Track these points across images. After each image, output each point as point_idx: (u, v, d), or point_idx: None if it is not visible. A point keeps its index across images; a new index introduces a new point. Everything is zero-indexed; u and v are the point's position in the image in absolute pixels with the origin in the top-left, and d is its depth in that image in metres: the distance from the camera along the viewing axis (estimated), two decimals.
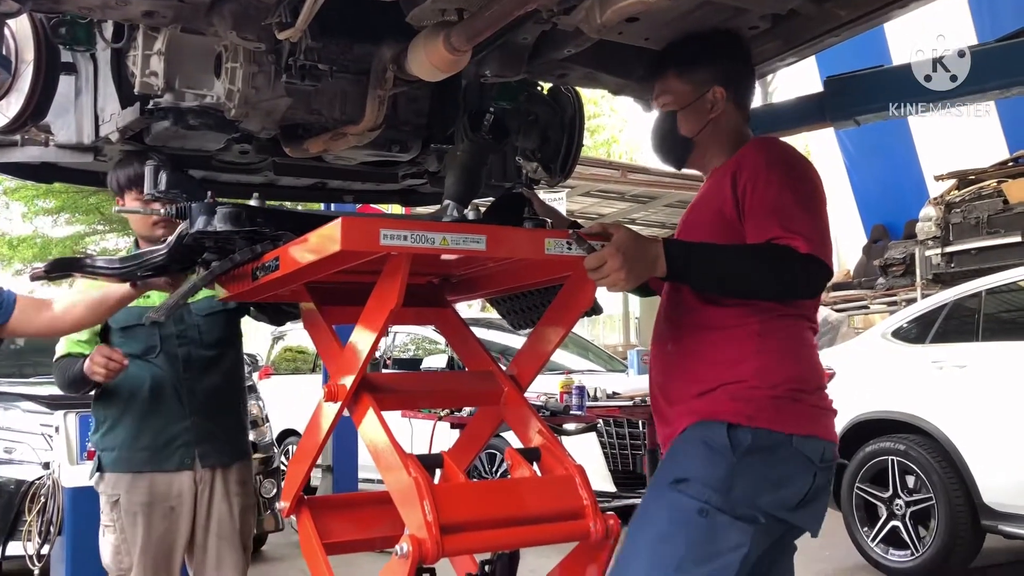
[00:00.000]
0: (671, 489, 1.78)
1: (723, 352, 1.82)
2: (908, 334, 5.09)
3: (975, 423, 4.50)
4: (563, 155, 2.71)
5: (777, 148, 1.87)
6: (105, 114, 2.28)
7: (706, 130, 1.92)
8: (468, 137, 2.15)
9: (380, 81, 2.14)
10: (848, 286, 10.02)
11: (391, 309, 1.69)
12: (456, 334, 2.21)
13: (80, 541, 3.18)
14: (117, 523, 2.48)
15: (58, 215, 13.85)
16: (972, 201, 8.17)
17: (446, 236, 1.64)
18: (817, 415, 1.84)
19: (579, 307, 1.96)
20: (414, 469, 1.65)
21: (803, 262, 1.71)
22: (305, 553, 1.99)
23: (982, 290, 4.87)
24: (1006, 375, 4.47)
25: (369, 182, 2.82)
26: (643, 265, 1.69)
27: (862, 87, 2.18)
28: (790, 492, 1.77)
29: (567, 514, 1.78)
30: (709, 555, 1.71)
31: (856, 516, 4.95)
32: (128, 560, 2.47)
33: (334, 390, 1.83)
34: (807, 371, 1.86)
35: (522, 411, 1.99)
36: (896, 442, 4.78)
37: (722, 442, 1.75)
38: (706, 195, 1.92)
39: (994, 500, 4.36)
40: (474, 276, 2.18)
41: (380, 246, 1.59)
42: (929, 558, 4.56)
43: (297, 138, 2.39)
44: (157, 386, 2.50)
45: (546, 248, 1.73)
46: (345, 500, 2.37)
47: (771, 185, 1.76)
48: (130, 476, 2.48)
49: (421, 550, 1.57)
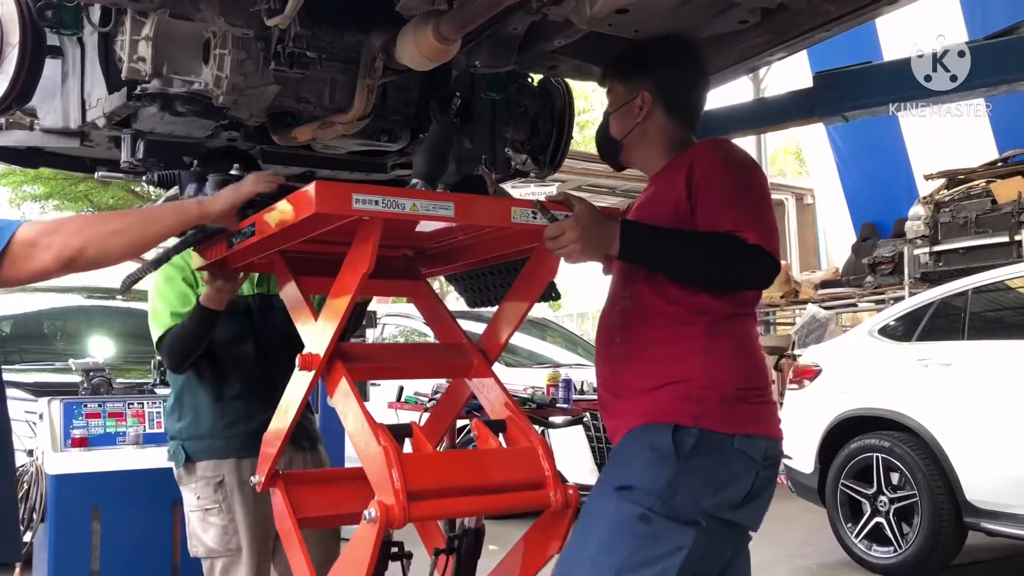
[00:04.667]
0: (615, 495, 1.80)
1: (671, 348, 1.84)
2: (895, 332, 5.12)
3: (959, 421, 4.53)
4: (552, 147, 2.70)
5: (730, 148, 1.94)
6: (92, 99, 2.26)
7: (633, 132, 1.99)
8: (436, 120, 2.20)
9: (369, 70, 2.14)
10: (837, 284, 10.04)
11: (363, 273, 1.74)
12: (429, 306, 2.26)
13: (63, 528, 3.17)
14: (223, 503, 2.45)
15: (46, 201, 13.79)
16: (961, 201, 8.20)
17: (416, 202, 1.71)
18: (761, 414, 1.86)
19: (542, 279, 2.03)
20: (384, 439, 1.69)
21: (753, 253, 1.76)
22: (279, 527, 2.03)
23: (968, 289, 4.89)
24: (990, 374, 4.50)
25: (358, 172, 2.82)
26: (600, 240, 1.76)
27: (851, 83, 2.19)
28: (733, 491, 1.79)
29: (529, 484, 1.84)
30: (650, 559, 1.73)
31: (840, 512, 4.98)
32: (236, 540, 2.44)
33: (308, 359, 1.86)
34: (753, 370, 1.88)
35: (490, 383, 2.05)
36: (881, 439, 4.81)
37: (667, 446, 1.76)
38: (658, 193, 1.95)
39: (977, 498, 4.39)
40: (447, 249, 2.23)
41: (352, 210, 1.65)
42: (912, 554, 4.59)
43: (285, 126, 2.38)
44: (244, 377, 2.51)
45: (512, 216, 1.81)
46: (319, 476, 2.39)
47: (724, 181, 1.82)
48: (231, 461, 2.46)
49: (389, 515, 1.63)
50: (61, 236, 1.69)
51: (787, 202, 13.49)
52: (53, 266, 1.68)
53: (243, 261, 2.16)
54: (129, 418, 3.35)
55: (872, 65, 2.20)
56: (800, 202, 13.60)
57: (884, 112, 2.24)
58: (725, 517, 1.79)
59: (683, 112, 1.99)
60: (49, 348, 5.27)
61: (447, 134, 2.22)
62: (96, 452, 3.22)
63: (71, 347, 5.10)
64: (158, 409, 3.41)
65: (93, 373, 3.49)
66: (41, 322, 5.71)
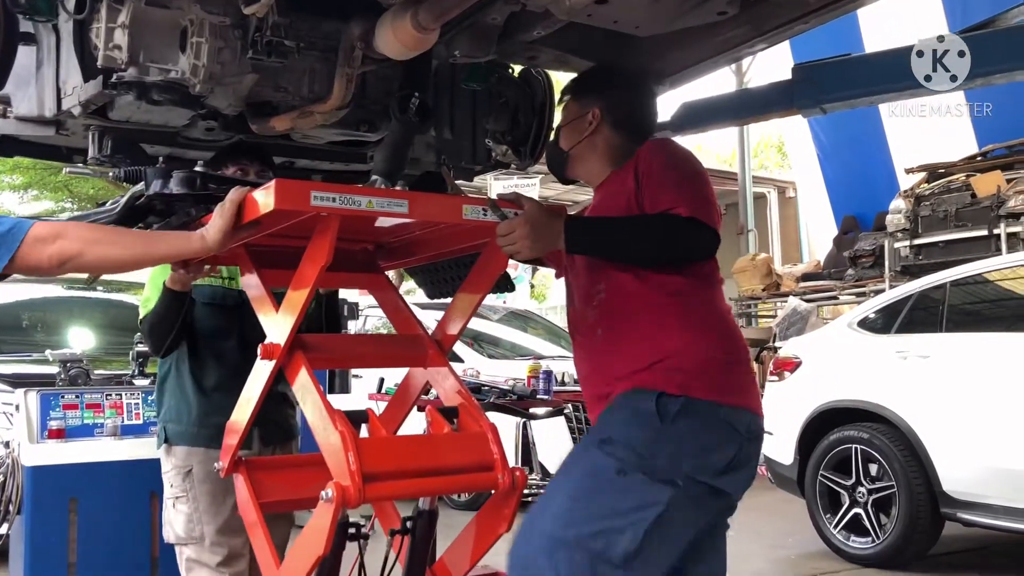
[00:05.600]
0: (594, 447, 1.88)
1: (654, 329, 1.91)
2: (874, 324, 5.16)
3: (936, 412, 4.57)
4: (533, 139, 2.70)
5: (670, 143, 2.10)
6: (67, 87, 2.24)
7: (581, 145, 2.12)
8: (395, 118, 2.26)
9: (348, 59, 2.13)
10: (818, 276, 10.11)
11: (321, 265, 1.80)
12: (387, 298, 2.33)
13: (40, 520, 3.15)
14: (190, 492, 2.52)
15: (25, 191, 13.64)
16: (941, 195, 8.26)
17: (372, 199, 1.78)
18: (745, 385, 1.95)
19: (493, 273, 2.11)
20: (340, 424, 1.76)
21: (687, 224, 1.86)
22: (242, 511, 2.12)
23: (947, 282, 4.93)
24: (967, 365, 4.54)
25: (338, 162, 2.80)
26: (547, 237, 1.88)
27: (829, 75, 2.20)
28: (715, 458, 1.85)
29: (479, 466, 1.93)
30: (623, 511, 1.77)
31: (819, 503, 5.01)
32: (200, 528, 2.51)
33: (268, 349, 1.93)
34: (733, 343, 1.97)
35: (444, 372, 2.13)
36: (860, 431, 4.85)
37: (650, 408, 1.84)
38: (607, 197, 2.06)
39: (953, 488, 4.43)
40: (405, 243, 2.30)
41: (311, 206, 1.71)
42: (889, 545, 4.64)
43: (264, 116, 2.36)
44: (225, 368, 2.56)
45: (464, 213, 1.90)
46: (281, 462, 2.47)
47: (662, 169, 1.94)
48: (202, 450, 2.52)
49: (344, 495, 1.70)
50: (65, 239, 1.83)
51: (769, 195, 13.56)
52: (47, 264, 1.82)
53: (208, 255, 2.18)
54: (107, 409, 3.32)
55: (850, 57, 2.21)
56: (782, 195, 13.67)
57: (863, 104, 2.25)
58: (706, 481, 1.84)
59: (629, 127, 2.12)
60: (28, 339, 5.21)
61: (406, 132, 2.28)
62: (73, 443, 3.20)
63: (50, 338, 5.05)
64: (136, 400, 3.39)
65: (71, 364, 3.46)
66: (19, 313, 5.65)
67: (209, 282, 2.58)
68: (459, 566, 2.09)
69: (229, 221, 1.83)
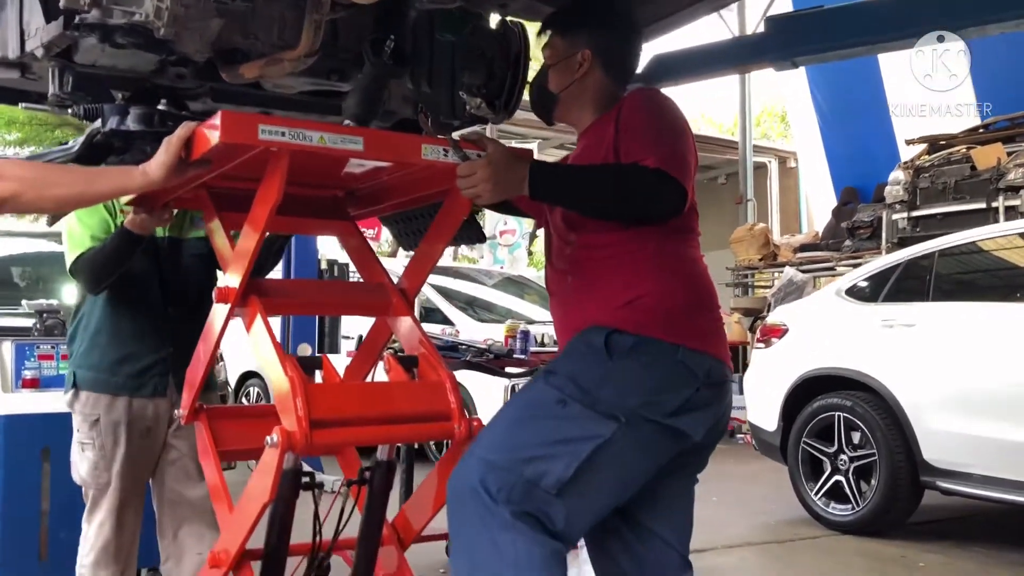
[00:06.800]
0: (540, 379, 1.86)
1: (618, 279, 1.87)
2: (862, 293, 5.13)
3: (919, 381, 4.56)
4: (507, 92, 2.66)
5: (652, 92, 2.01)
6: (31, 28, 2.21)
7: (571, 88, 2.03)
8: (369, 61, 2.20)
9: (316, 5, 2.09)
10: (816, 247, 10.07)
11: (272, 205, 1.75)
12: (354, 246, 2.28)
13: (13, 469, 3.16)
14: (96, 440, 2.56)
15: (21, 147, 13.59)
16: (941, 166, 8.19)
17: (324, 135, 1.71)
18: (710, 332, 1.90)
19: (456, 218, 2.04)
20: (291, 369, 1.73)
21: (650, 176, 1.79)
22: (201, 458, 2.12)
23: (935, 251, 4.90)
24: (951, 334, 4.53)
25: (312, 112, 2.77)
26: (510, 182, 1.81)
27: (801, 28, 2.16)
28: (667, 398, 1.80)
29: (435, 416, 1.89)
30: (560, 440, 1.74)
31: (801, 471, 5.03)
32: (106, 476, 2.56)
33: (223, 292, 1.89)
34: (703, 292, 1.93)
35: (407, 322, 2.09)
36: (843, 398, 4.85)
37: (598, 344, 1.81)
38: (589, 147, 1.99)
39: (934, 457, 4.44)
40: (374, 190, 2.24)
41: (259, 140, 1.66)
42: (868, 512, 4.66)
43: (234, 63, 2.33)
44: (145, 315, 2.57)
45: (423, 153, 1.82)
46: (240, 411, 2.52)
47: (641, 120, 1.87)
48: (108, 397, 2.55)
49: (290, 441, 1.67)
50: (1, 180, 1.73)
51: (770, 165, 13.47)
52: None
53: (170, 195, 2.16)
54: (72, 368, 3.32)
55: (823, 10, 2.17)
56: (783, 165, 13.58)
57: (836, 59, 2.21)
58: (657, 419, 1.79)
59: (619, 70, 2.04)
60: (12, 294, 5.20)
61: (380, 76, 2.22)
62: (47, 393, 3.19)
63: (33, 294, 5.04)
64: None
65: (47, 315, 3.45)
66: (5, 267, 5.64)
67: None
68: (419, 516, 2.09)
69: (173, 156, 1.78)
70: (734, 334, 9.61)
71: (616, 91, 2.02)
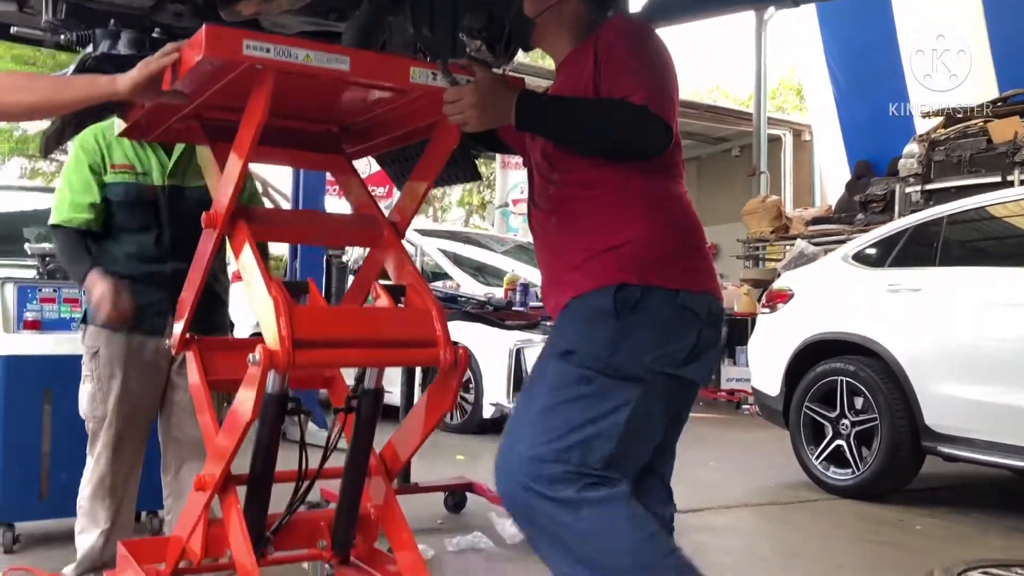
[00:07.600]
0: (555, 360, 1.84)
1: (603, 218, 1.86)
2: (868, 258, 5.09)
3: (923, 346, 4.53)
4: (507, 35, 2.65)
5: (632, 23, 1.96)
6: None
7: (547, 14, 1.99)
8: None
9: None
10: (828, 220, 9.98)
11: (257, 123, 1.73)
12: (347, 180, 2.27)
13: (14, 409, 3.19)
14: (95, 373, 2.63)
15: None
16: (956, 140, 8.08)
17: (309, 53, 1.69)
18: (702, 270, 1.90)
19: (445, 148, 2.02)
20: (275, 290, 1.74)
21: (636, 113, 1.76)
22: (191, 388, 2.13)
23: (944, 216, 4.85)
24: (956, 300, 4.48)
25: None
26: (497, 110, 1.78)
27: None
28: (677, 347, 1.82)
29: (420, 342, 1.90)
30: (595, 418, 1.76)
31: (803, 435, 5.02)
32: (103, 409, 2.62)
33: (210, 217, 1.89)
34: (692, 231, 1.92)
35: (398, 253, 2.09)
36: (847, 363, 4.83)
37: (608, 306, 1.79)
38: (568, 79, 1.95)
39: (936, 422, 4.42)
40: (368, 125, 2.22)
41: (243, 56, 1.64)
42: (868, 476, 4.64)
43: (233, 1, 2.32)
44: (146, 261, 2.63)
45: (411, 76, 1.81)
46: (233, 343, 2.48)
47: (622, 52, 1.83)
48: (108, 332, 2.62)
49: (272, 360, 1.67)
50: None
51: (784, 138, 13.34)
52: None
53: (162, 125, 2.15)
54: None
55: None
56: (798, 138, 13.44)
57: None
58: (670, 372, 1.82)
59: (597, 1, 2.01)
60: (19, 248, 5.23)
61: (377, 11, 2.22)
62: (49, 335, 3.22)
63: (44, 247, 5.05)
64: None
65: (49, 259, 3.47)
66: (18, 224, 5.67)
67: (123, 179, 2.60)
68: (407, 444, 2.11)
69: (144, 75, 1.76)
70: (743, 305, 9.57)
71: (595, 19, 1.98)
